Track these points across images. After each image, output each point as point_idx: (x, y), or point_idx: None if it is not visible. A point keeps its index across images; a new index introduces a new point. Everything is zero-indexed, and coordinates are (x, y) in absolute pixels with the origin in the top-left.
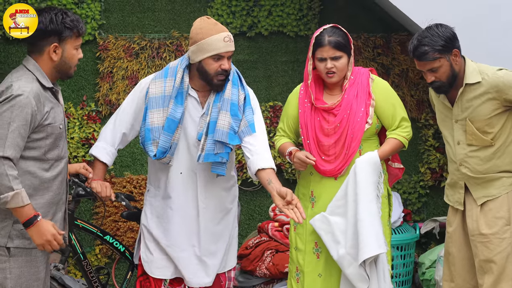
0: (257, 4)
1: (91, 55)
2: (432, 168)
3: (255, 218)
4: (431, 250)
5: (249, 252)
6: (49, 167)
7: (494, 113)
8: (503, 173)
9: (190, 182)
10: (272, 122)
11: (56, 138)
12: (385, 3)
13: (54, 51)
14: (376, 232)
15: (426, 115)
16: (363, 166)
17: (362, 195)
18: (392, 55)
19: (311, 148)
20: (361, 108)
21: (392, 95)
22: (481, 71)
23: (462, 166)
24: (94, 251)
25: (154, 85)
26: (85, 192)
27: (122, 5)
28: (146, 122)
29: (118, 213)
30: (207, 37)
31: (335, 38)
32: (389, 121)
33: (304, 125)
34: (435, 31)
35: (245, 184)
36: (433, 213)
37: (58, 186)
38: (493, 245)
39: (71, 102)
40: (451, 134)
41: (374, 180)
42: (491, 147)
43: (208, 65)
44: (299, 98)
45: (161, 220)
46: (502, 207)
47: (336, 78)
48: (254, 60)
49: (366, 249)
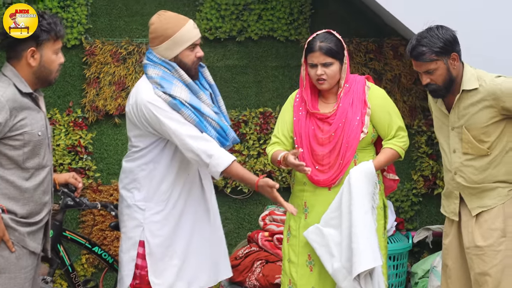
0: (247, 8)
1: (78, 60)
2: (425, 176)
3: (244, 226)
4: (424, 260)
5: (238, 263)
6: (29, 176)
7: (491, 121)
8: (498, 183)
9: (198, 184)
10: (262, 129)
11: (35, 146)
12: (378, 8)
13: (32, 56)
14: (371, 244)
15: (419, 122)
16: (358, 176)
17: (356, 206)
18: (385, 60)
19: (305, 157)
20: (357, 117)
21: (389, 103)
22: (479, 77)
23: (457, 175)
24: (81, 260)
25: (177, 92)
26: (74, 202)
27: (109, 9)
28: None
29: (105, 222)
30: (179, 29)
31: (326, 44)
32: (385, 131)
33: (298, 133)
34: (435, 33)
35: (234, 192)
36: (426, 221)
37: (40, 196)
38: (488, 257)
39: (57, 108)
40: (447, 142)
41: (370, 191)
42: (487, 157)
43: (186, 57)
44: (294, 106)
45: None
46: (497, 218)
47: (327, 85)
48: (243, 65)
49: (361, 262)
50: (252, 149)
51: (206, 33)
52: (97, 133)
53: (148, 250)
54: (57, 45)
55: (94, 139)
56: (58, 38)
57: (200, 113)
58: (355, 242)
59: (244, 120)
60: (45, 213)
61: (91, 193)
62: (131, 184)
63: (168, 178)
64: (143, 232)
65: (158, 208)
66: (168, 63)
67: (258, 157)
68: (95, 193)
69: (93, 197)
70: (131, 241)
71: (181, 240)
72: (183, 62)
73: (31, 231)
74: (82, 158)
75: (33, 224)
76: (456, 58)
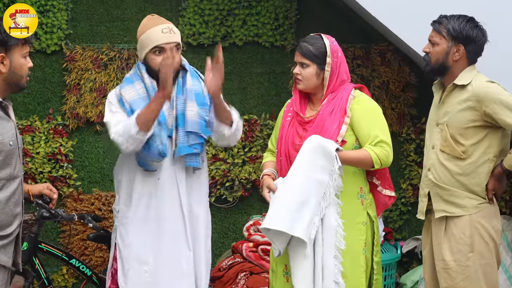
0: (231, 13)
1: (58, 66)
2: (414, 184)
3: (229, 236)
4: (413, 270)
5: (222, 274)
6: (1, 187)
7: (471, 124)
8: (468, 193)
9: (171, 188)
10: (247, 137)
11: (7, 156)
12: (364, 13)
13: (1, 62)
14: (283, 208)
15: (408, 129)
16: (308, 145)
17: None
18: (372, 66)
19: (282, 165)
20: (334, 125)
21: (373, 115)
22: (474, 78)
23: (430, 172)
24: (61, 271)
25: (126, 91)
26: (50, 214)
27: (89, 14)
28: None
29: (86, 231)
30: (144, 31)
31: (307, 45)
32: (364, 140)
33: (279, 139)
34: (461, 20)
35: (218, 201)
36: (415, 231)
37: (11, 208)
38: (455, 273)
39: (36, 116)
40: (430, 137)
41: (318, 163)
42: (461, 161)
43: (151, 60)
44: (284, 111)
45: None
46: (464, 233)
47: (302, 85)
48: (228, 71)
49: (266, 221)
50: (237, 157)
51: (189, 38)
52: (78, 140)
53: (118, 252)
54: (25, 49)
55: (75, 146)
56: (26, 42)
57: None
58: (271, 202)
59: None
60: (16, 225)
61: (71, 202)
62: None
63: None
64: (116, 234)
65: (127, 211)
66: (139, 65)
67: (243, 165)
68: (76, 202)
69: (74, 206)
70: (112, 244)
71: (150, 245)
72: (151, 66)
73: (2, 244)
74: (63, 166)
75: (3, 237)
76: (460, 51)
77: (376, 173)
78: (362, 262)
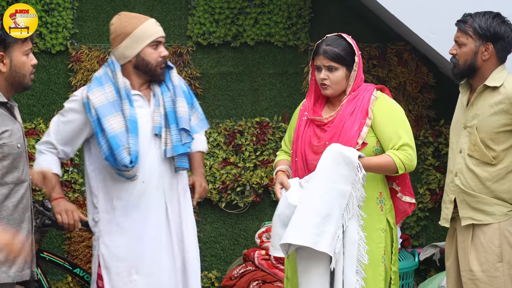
0: (242, 11)
1: (63, 67)
2: (432, 189)
3: (240, 243)
4: (431, 279)
5: (233, 283)
6: (9, 193)
7: (503, 128)
8: (496, 200)
9: (155, 192)
10: (258, 140)
11: (14, 159)
12: (382, 12)
13: (1, 61)
14: (304, 222)
15: (425, 132)
16: (329, 154)
17: (312, 182)
18: (389, 66)
19: (297, 167)
20: (355, 126)
21: (397, 116)
22: (506, 79)
23: (457, 177)
24: (67, 279)
25: (94, 94)
26: (52, 221)
27: (96, 13)
28: (107, 131)
29: (92, 238)
30: (138, 26)
31: (332, 48)
32: (387, 144)
33: (295, 140)
34: (488, 17)
35: (229, 206)
36: (433, 237)
37: (20, 215)
38: (483, 283)
39: (41, 118)
40: (456, 141)
41: (341, 173)
42: (492, 167)
43: (148, 55)
44: (300, 110)
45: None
46: (493, 242)
47: (330, 91)
48: (239, 72)
49: (287, 235)
50: (248, 161)
51: (199, 38)
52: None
53: (103, 263)
54: (26, 46)
55: (81, 150)
56: (27, 38)
57: (100, 124)
58: (294, 214)
59: (239, 130)
60: (25, 231)
61: (77, 207)
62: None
63: (114, 185)
64: (99, 246)
65: (110, 218)
66: (112, 64)
67: (254, 169)
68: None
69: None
70: (94, 259)
71: (138, 253)
72: (146, 61)
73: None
74: (68, 171)
75: None
76: (489, 50)
77: (397, 178)
78: (382, 271)
